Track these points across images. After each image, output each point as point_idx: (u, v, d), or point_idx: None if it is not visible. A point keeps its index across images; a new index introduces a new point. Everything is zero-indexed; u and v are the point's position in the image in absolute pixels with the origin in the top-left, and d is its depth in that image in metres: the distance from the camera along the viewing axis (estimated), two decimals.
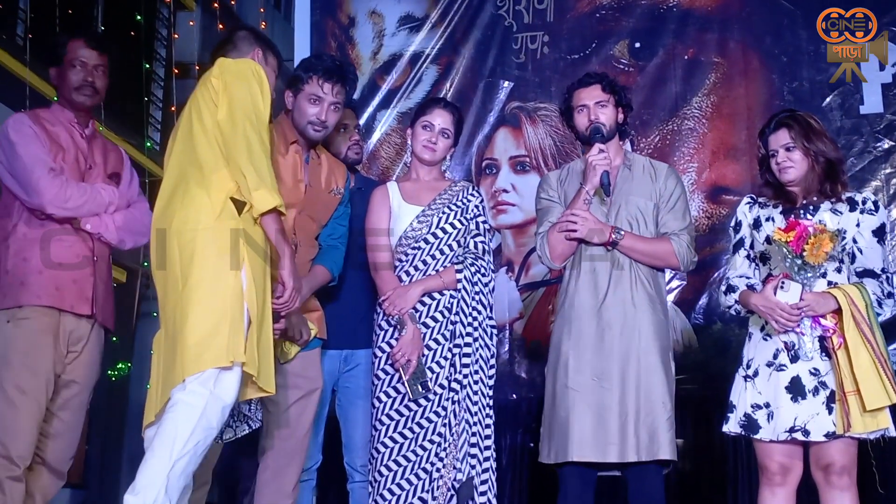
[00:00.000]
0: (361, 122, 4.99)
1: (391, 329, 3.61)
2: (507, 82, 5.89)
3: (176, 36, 6.11)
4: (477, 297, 3.64)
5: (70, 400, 3.50)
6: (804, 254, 3.27)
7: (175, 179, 3.08)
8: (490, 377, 3.63)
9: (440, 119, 3.76)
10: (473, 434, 3.54)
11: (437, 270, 3.66)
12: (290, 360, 3.48)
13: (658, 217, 3.70)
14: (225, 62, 3.14)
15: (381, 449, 3.55)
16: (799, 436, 3.31)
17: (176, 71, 6.35)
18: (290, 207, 3.41)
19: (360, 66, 6.07)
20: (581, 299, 3.66)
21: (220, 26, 6.34)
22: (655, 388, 3.55)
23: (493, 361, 3.67)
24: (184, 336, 2.87)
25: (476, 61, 5.94)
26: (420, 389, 3.54)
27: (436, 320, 3.62)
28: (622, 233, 3.62)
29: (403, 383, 3.56)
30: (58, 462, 3.48)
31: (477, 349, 3.60)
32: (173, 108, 5.98)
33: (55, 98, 3.75)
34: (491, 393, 3.64)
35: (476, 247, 3.71)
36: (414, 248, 3.68)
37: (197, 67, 6.10)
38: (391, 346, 3.60)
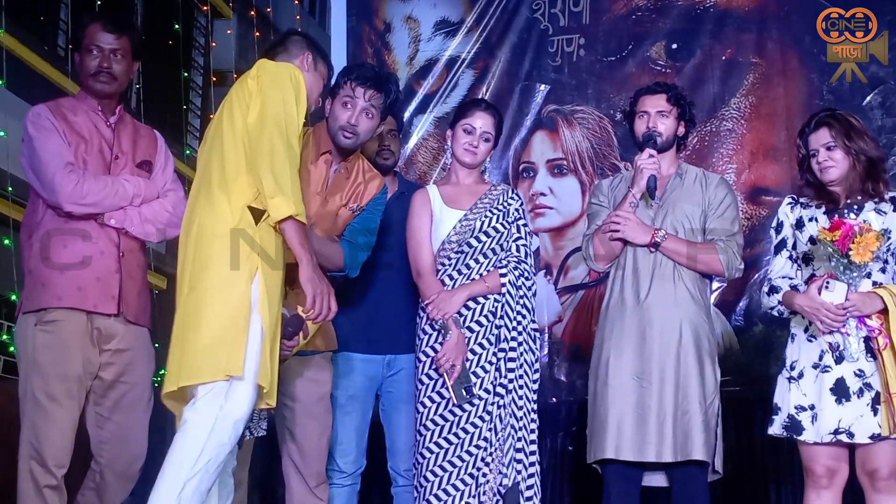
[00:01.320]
0: None
1: (434, 334, 3.60)
2: (543, 85, 5.89)
3: (213, 44, 6.16)
4: (521, 301, 3.63)
5: (120, 400, 3.37)
6: (850, 253, 3.25)
7: (200, 179, 3.05)
8: (534, 381, 3.63)
9: (481, 122, 3.74)
10: (519, 439, 3.53)
11: (479, 274, 3.65)
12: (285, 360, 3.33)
13: (705, 224, 3.70)
14: (265, 64, 3.07)
15: (426, 454, 3.54)
16: (844, 438, 3.28)
17: (214, 79, 6.41)
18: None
19: (397, 72, 6.09)
20: (623, 298, 3.67)
21: (257, 34, 6.39)
22: (692, 388, 3.54)
23: (537, 366, 3.66)
24: (188, 343, 2.83)
25: (512, 65, 5.95)
26: (464, 394, 3.52)
27: (480, 325, 3.61)
28: (665, 235, 3.62)
29: (447, 388, 3.55)
30: (124, 465, 3.37)
31: (521, 353, 3.60)
32: (211, 116, 6.01)
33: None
34: (535, 397, 3.63)
35: (518, 250, 3.70)
36: (457, 253, 3.68)
37: (234, 75, 6.13)
38: (435, 351, 3.58)
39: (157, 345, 3.53)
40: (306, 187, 3.29)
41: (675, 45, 5.76)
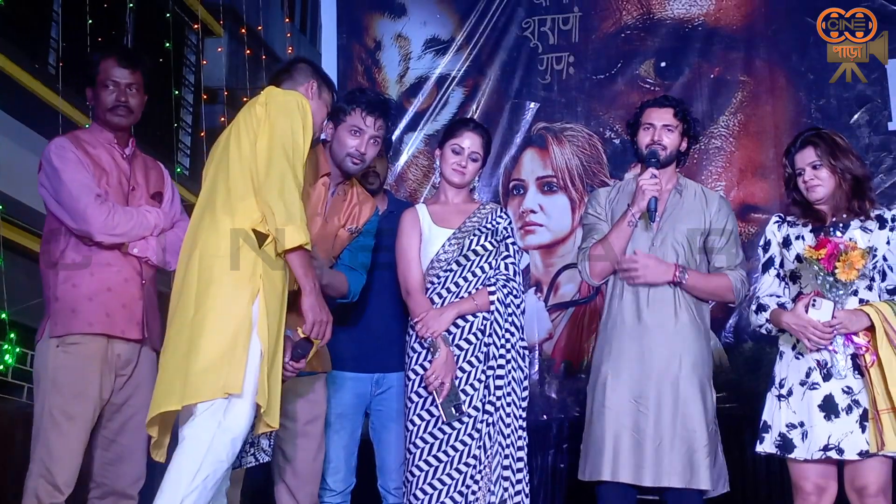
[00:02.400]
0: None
1: (424, 352, 3.61)
2: (533, 103, 5.90)
3: (204, 62, 6.18)
4: (510, 319, 3.64)
5: (126, 423, 3.45)
6: (836, 271, 3.26)
7: (205, 201, 3.09)
8: (523, 399, 3.63)
9: (469, 142, 3.75)
10: (506, 457, 3.53)
11: (469, 293, 3.66)
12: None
13: (705, 244, 3.71)
14: (273, 91, 3.12)
15: (416, 472, 3.54)
16: (833, 454, 3.29)
17: (205, 96, 6.43)
18: None
19: (387, 90, 6.11)
20: (623, 319, 3.67)
21: (248, 52, 6.41)
22: (693, 416, 3.55)
23: (525, 383, 3.66)
24: (189, 362, 2.86)
25: (502, 83, 5.97)
26: (454, 412, 3.53)
27: (469, 342, 3.62)
28: (686, 274, 3.62)
29: (437, 406, 3.55)
30: (126, 486, 3.44)
31: (510, 371, 3.60)
32: (203, 134, 6.05)
33: (87, 125, 3.70)
34: (524, 415, 3.63)
35: (507, 268, 3.71)
36: (446, 271, 3.68)
37: (225, 93, 6.16)
38: (424, 369, 3.59)
39: None
40: (306, 209, 3.32)
41: (663, 63, 5.77)
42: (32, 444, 3.34)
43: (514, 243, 3.79)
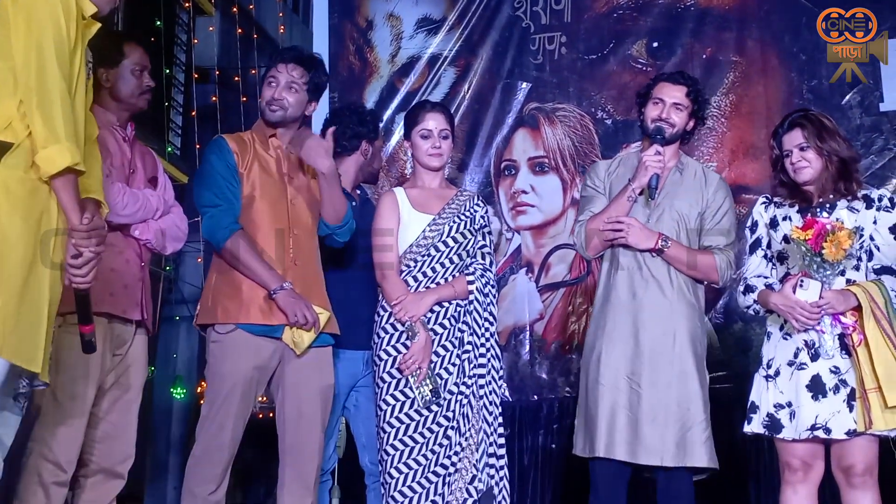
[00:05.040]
0: (380, 124, 4.98)
1: (396, 334, 3.61)
2: (525, 83, 5.89)
3: (196, 41, 6.14)
4: (489, 309, 3.69)
5: (116, 402, 3.45)
6: (823, 252, 3.27)
7: None
8: (500, 388, 3.68)
9: (434, 122, 3.74)
10: (491, 444, 3.58)
11: (445, 279, 3.67)
12: (306, 350, 3.46)
13: (700, 224, 3.70)
14: None
15: (391, 451, 3.55)
16: (820, 434, 3.30)
17: (196, 76, 6.40)
18: (280, 201, 3.51)
19: (379, 69, 6.11)
20: (617, 295, 3.66)
21: (240, 31, 6.38)
22: (688, 394, 3.56)
23: (502, 372, 3.73)
24: None
25: (494, 63, 5.95)
26: (431, 396, 3.55)
27: (444, 327, 3.63)
28: (669, 242, 3.61)
29: (412, 389, 3.56)
30: (114, 464, 3.44)
31: (489, 360, 3.65)
32: (193, 113, 6.02)
33: None
34: (500, 402, 3.67)
35: (483, 258, 3.74)
36: (424, 256, 3.68)
37: (217, 72, 6.13)
38: (397, 351, 3.60)
39: None
40: (267, 173, 3.48)
41: (655, 44, 5.77)
42: (32, 422, 3.29)
43: (489, 233, 3.82)
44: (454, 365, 3.60)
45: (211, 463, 3.39)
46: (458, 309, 3.65)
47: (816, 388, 3.34)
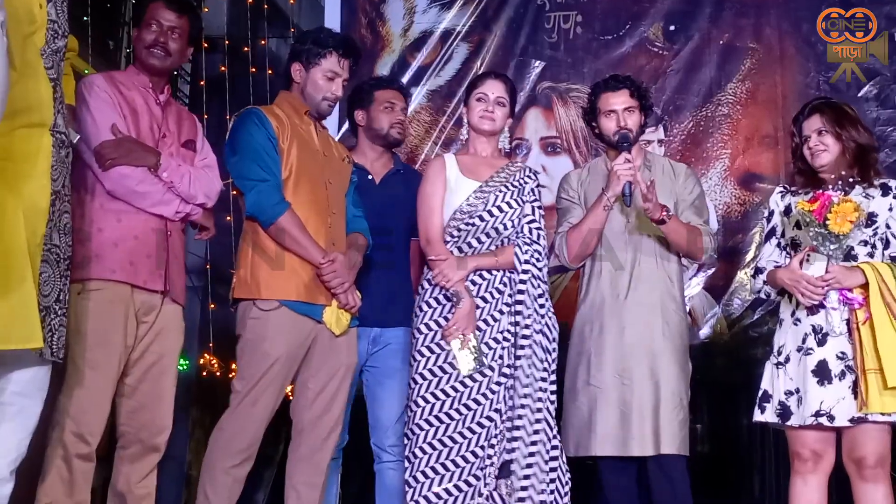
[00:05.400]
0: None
1: (439, 307, 3.50)
2: (538, 62, 5.84)
3: (205, 10, 6.06)
4: (538, 285, 3.52)
5: (148, 371, 3.35)
6: (827, 222, 3.24)
7: None
8: (551, 365, 3.52)
9: (493, 88, 3.66)
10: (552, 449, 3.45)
11: (489, 250, 3.57)
12: (346, 331, 3.43)
13: (678, 214, 3.71)
14: None
15: (417, 431, 3.42)
16: (824, 420, 3.26)
17: (205, 45, 6.32)
18: (319, 182, 3.46)
19: (391, 43, 6.05)
20: (602, 297, 3.69)
21: (250, 1, 6.29)
22: (668, 385, 3.59)
23: (554, 345, 3.55)
24: None
25: (508, 40, 5.90)
26: (475, 365, 3.44)
27: (486, 301, 3.51)
28: (671, 215, 3.61)
29: (455, 360, 3.45)
30: (149, 436, 3.36)
31: (540, 340, 3.49)
32: (202, 83, 5.94)
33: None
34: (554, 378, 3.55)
35: (531, 232, 3.60)
36: (467, 224, 3.56)
37: (226, 42, 6.05)
38: (439, 325, 3.48)
39: None
40: (309, 151, 3.45)
41: (672, 27, 5.73)
42: (57, 393, 3.21)
43: (539, 207, 3.67)
44: (496, 341, 3.49)
45: (238, 436, 3.33)
46: (505, 279, 3.53)
47: (822, 373, 3.29)
